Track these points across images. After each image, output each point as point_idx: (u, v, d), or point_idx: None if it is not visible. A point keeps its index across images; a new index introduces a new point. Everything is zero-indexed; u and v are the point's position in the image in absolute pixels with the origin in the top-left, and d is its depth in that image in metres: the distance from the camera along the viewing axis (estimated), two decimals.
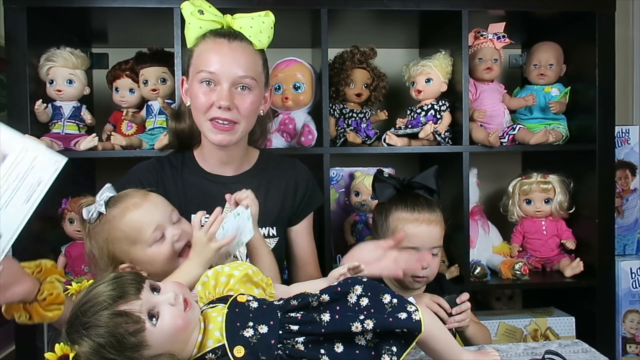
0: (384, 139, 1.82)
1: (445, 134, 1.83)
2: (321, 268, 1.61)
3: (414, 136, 1.84)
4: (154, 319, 0.82)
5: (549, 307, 1.97)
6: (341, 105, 1.90)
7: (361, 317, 0.86)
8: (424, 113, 1.86)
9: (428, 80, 1.85)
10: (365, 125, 1.89)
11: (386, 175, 1.42)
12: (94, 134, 1.70)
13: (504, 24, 1.86)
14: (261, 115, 1.35)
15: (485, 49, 1.89)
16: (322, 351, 0.86)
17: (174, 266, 1.07)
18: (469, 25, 1.78)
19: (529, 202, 1.93)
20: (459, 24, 1.77)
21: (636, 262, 1.98)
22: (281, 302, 0.93)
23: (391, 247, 1.18)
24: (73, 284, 0.91)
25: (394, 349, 0.87)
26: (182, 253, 1.10)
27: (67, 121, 1.74)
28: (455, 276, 1.82)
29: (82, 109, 1.77)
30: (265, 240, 1.26)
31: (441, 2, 1.76)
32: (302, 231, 1.45)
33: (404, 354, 0.88)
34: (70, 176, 1.86)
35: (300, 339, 0.86)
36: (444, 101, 1.86)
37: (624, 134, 2.09)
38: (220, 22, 1.26)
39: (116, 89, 1.87)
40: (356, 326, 0.86)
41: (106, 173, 2.07)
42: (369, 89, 1.92)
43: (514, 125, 1.88)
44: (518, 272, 1.81)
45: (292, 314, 0.89)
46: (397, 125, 1.88)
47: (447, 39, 1.87)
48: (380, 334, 0.88)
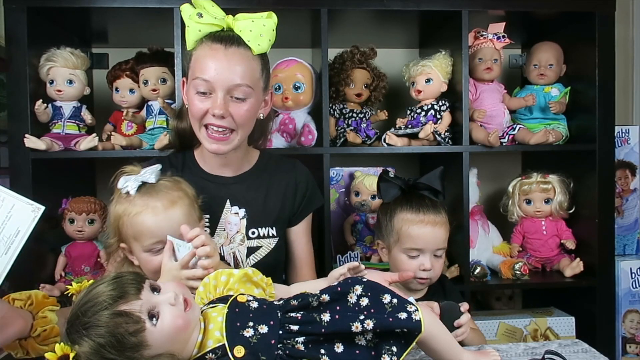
0: (384, 139, 1.82)
1: (445, 134, 1.83)
2: (321, 268, 1.61)
3: (414, 136, 1.84)
4: (154, 319, 0.82)
5: (549, 307, 1.97)
6: (341, 105, 1.90)
7: (361, 317, 0.86)
8: (424, 113, 1.86)
9: (428, 80, 1.85)
10: (365, 125, 1.89)
11: (391, 176, 1.41)
12: (94, 134, 1.70)
13: (504, 24, 1.86)
14: (261, 118, 1.35)
15: (485, 49, 1.89)
16: (322, 351, 0.86)
17: (156, 278, 1.06)
18: (469, 25, 1.78)
19: (529, 202, 1.93)
20: (459, 24, 1.77)
21: (636, 262, 1.99)
22: (281, 302, 0.93)
23: (395, 282, 1.18)
24: (73, 284, 0.91)
25: (394, 349, 0.87)
26: None
27: (68, 121, 1.74)
28: (455, 276, 1.82)
29: (82, 109, 1.77)
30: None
31: (441, 2, 1.76)
32: (301, 232, 1.45)
33: (404, 354, 0.88)
34: (70, 176, 1.89)
35: (300, 339, 0.86)
36: (444, 101, 1.86)
37: (624, 134, 2.09)
38: (219, 25, 1.24)
39: (116, 89, 1.88)
40: (356, 326, 0.86)
41: (106, 173, 2.03)
42: (369, 89, 1.92)
43: (514, 125, 1.88)
44: (518, 272, 1.81)
45: (292, 314, 0.89)
46: (397, 125, 1.88)
47: (447, 39, 1.87)
48: (380, 334, 0.88)
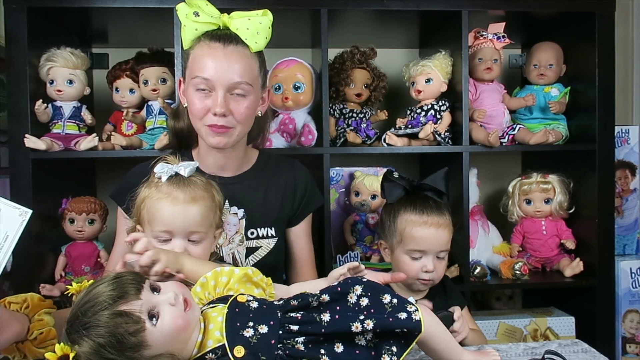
0: (384, 139, 1.82)
1: (445, 134, 1.83)
2: (321, 268, 1.61)
3: (414, 136, 1.84)
4: (154, 319, 0.82)
5: (549, 307, 1.97)
6: (341, 105, 1.90)
7: (361, 317, 0.86)
8: (424, 113, 1.86)
9: (428, 80, 1.85)
10: (365, 125, 1.89)
11: (396, 176, 1.39)
12: (94, 134, 1.70)
13: (504, 24, 1.86)
14: (259, 116, 1.35)
15: (485, 49, 1.89)
16: (322, 351, 0.86)
17: None
18: (469, 25, 1.78)
19: (528, 202, 1.93)
20: (459, 24, 1.77)
21: (636, 262, 1.98)
22: (281, 302, 0.93)
23: (388, 282, 1.17)
24: (73, 284, 0.91)
25: (394, 349, 0.87)
26: None
27: (68, 121, 1.74)
28: (455, 276, 1.82)
29: (83, 109, 1.77)
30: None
31: (441, 2, 1.76)
32: (301, 233, 1.45)
33: (404, 354, 0.88)
34: (70, 176, 1.89)
35: (300, 339, 0.86)
36: (444, 101, 1.86)
37: (623, 134, 2.09)
38: (216, 24, 1.25)
39: (116, 89, 1.88)
40: (356, 326, 0.86)
41: (106, 173, 2.08)
42: (369, 89, 1.92)
43: (514, 125, 1.88)
44: (518, 272, 1.81)
45: (292, 314, 0.89)
46: (397, 125, 1.88)
47: (447, 39, 1.87)
48: (380, 334, 0.88)
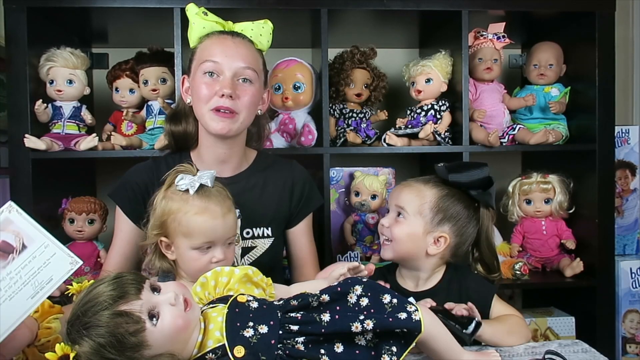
0: (384, 139, 1.82)
1: (445, 134, 1.83)
2: (321, 268, 1.61)
3: (414, 136, 1.84)
4: (154, 319, 0.82)
5: (549, 307, 1.97)
6: (341, 105, 1.90)
7: (361, 317, 0.86)
8: (424, 113, 1.86)
9: (428, 80, 1.85)
10: (365, 125, 1.89)
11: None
12: (94, 134, 1.70)
13: (504, 24, 1.86)
14: (259, 114, 1.36)
15: (485, 49, 1.89)
16: (322, 351, 0.86)
17: (198, 276, 1.06)
18: (469, 25, 1.78)
19: (529, 202, 1.93)
20: (459, 24, 1.77)
21: (636, 262, 1.98)
22: (281, 302, 0.93)
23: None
24: (73, 283, 0.91)
25: (394, 349, 0.88)
26: None
27: (67, 121, 1.74)
28: None
29: (82, 109, 1.77)
30: None
31: (441, 2, 1.76)
32: (301, 233, 1.45)
33: (404, 354, 0.88)
34: (70, 176, 1.89)
35: (300, 339, 0.86)
36: (444, 101, 1.86)
37: (624, 134, 2.09)
38: (222, 25, 1.31)
39: (116, 89, 1.88)
40: (356, 326, 0.86)
41: (106, 173, 2.08)
42: (369, 89, 1.92)
43: (514, 125, 1.88)
44: (518, 272, 1.81)
45: (292, 314, 0.89)
46: (397, 125, 1.88)
47: (447, 39, 1.87)
48: (380, 334, 0.88)
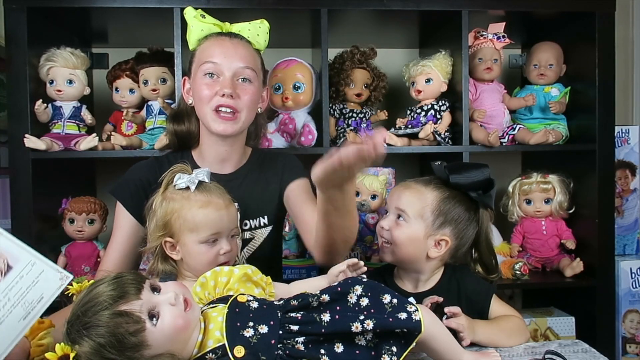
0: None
1: (445, 134, 1.83)
2: (321, 268, 1.61)
3: (414, 136, 1.84)
4: (155, 319, 0.82)
5: (549, 307, 1.97)
6: (341, 105, 1.90)
7: (361, 317, 0.86)
8: (424, 113, 1.86)
9: (428, 80, 1.85)
10: (365, 125, 1.89)
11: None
12: (94, 134, 1.70)
13: (504, 24, 1.86)
14: (259, 112, 1.38)
15: (485, 49, 1.89)
16: (322, 351, 0.86)
17: (206, 270, 1.07)
18: (469, 25, 1.78)
19: (529, 202, 1.93)
20: (459, 24, 1.77)
21: (636, 262, 1.98)
22: (281, 302, 0.93)
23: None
24: (73, 283, 0.90)
25: (394, 349, 0.87)
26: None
27: (67, 121, 1.74)
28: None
29: (82, 109, 1.77)
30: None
31: (441, 2, 1.76)
32: (297, 194, 1.39)
33: (404, 354, 0.88)
34: (70, 176, 1.89)
35: (300, 339, 0.86)
36: (444, 101, 1.86)
37: (624, 134, 2.09)
38: (220, 26, 1.33)
39: (116, 89, 1.88)
40: (356, 326, 0.86)
41: (106, 173, 2.08)
42: (369, 89, 1.92)
43: (514, 125, 1.88)
44: (518, 272, 1.81)
45: (292, 314, 0.89)
46: (397, 125, 1.88)
47: (447, 39, 1.87)
48: (380, 334, 0.88)
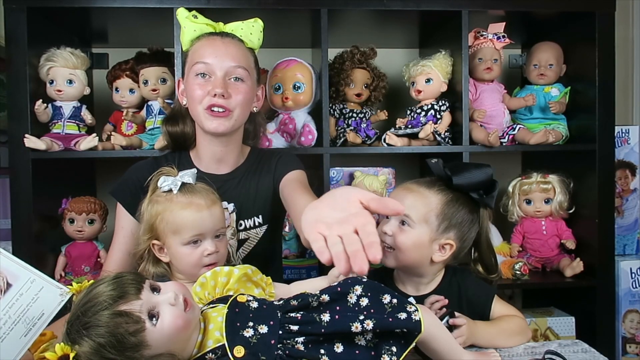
0: (384, 139, 1.82)
1: (445, 134, 1.83)
2: (321, 268, 1.61)
3: (414, 136, 1.84)
4: (154, 319, 0.82)
5: (549, 307, 1.97)
6: (341, 105, 1.90)
7: (361, 317, 0.86)
8: (424, 113, 1.86)
9: (428, 80, 1.85)
10: (365, 125, 1.89)
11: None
12: (94, 134, 1.71)
13: (504, 24, 1.86)
14: (254, 112, 1.38)
15: (485, 49, 1.89)
16: (322, 351, 0.86)
17: (194, 273, 1.09)
18: (469, 25, 1.78)
19: (529, 202, 1.93)
20: (459, 24, 1.77)
21: (636, 262, 1.98)
22: (281, 302, 0.93)
23: None
24: (73, 283, 0.90)
25: (394, 349, 0.87)
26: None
27: (67, 121, 1.74)
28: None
29: (82, 109, 1.77)
30: None
31: (441, 2, 1.76)
32: (291, 183, 1.35)
33: (404, 354, 0.88)
34: (70, 176, 1.89)
35: (300, 339, 0.86)
36: (444, 101, 1.86)
37: (624, 134, 2.09)
38: (212, 26, 1.34)
39: (116, 89, 1.88)
40: (356, 326, 0.86)
41: (106, 173, 2.08)
42: (369, 89, 1.92)
43: (514, 125, 1.88)
44: (518, 272, 1.81)
45: (292, 314, 0.89)
46: (397, 125, 1.88)
47: (447, 39, 1.87)
48: (380, 334, 0.87)
